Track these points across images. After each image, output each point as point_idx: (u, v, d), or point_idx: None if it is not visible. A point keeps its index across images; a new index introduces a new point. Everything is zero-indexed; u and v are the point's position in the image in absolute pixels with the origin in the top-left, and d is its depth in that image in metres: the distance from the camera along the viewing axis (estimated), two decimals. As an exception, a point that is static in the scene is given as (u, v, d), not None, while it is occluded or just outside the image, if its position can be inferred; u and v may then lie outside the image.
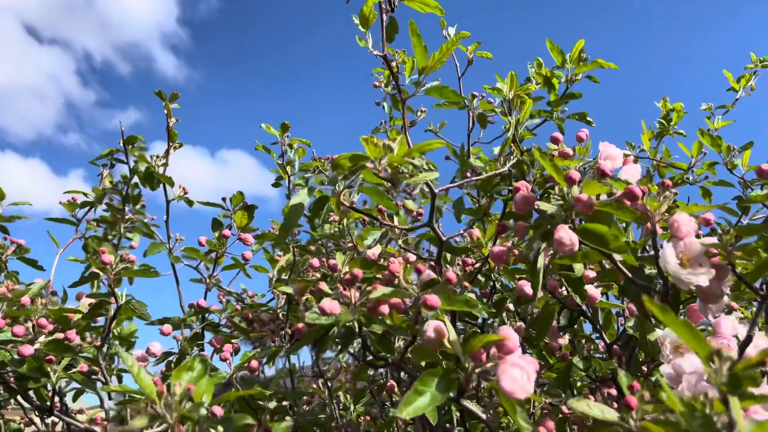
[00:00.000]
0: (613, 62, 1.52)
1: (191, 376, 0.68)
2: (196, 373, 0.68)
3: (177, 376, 0.67)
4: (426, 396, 0.66)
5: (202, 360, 0.69)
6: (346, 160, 0.81)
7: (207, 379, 0.70)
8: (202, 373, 0.68)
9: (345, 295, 0.82)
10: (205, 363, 0.69)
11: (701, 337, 0.48)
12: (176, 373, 0.67)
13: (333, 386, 1.76)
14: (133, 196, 1.65)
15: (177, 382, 0.64)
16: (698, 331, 0.48)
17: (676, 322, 0.48)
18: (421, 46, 1.00)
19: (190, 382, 0.67)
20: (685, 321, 0.48)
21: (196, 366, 0.69)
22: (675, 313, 0.84)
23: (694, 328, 0.47)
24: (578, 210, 0.74)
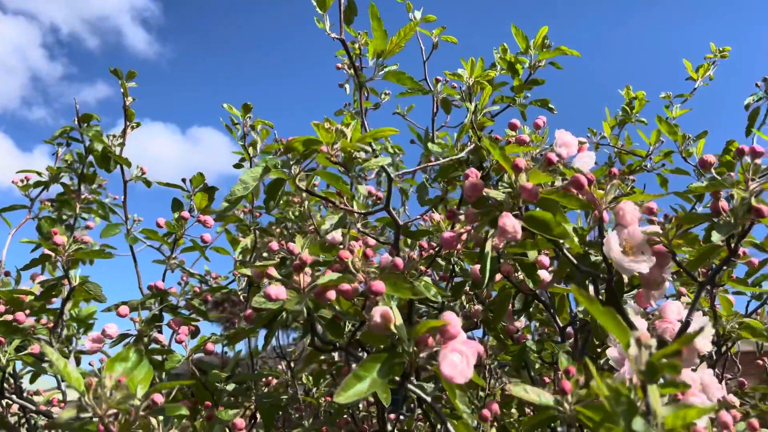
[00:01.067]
0: (577, 50, 1.53)
1: (125, 366, 0.67)
2: (131, 363, 0.67)
3: (109, 368, 0.66)
4: (366, 381, 0.66)
5: (137, 350, 0.69)
6: (299, 144, 0.81)
7: (144, 369, 0.69)
8: (137, 363, 0.68)
9: (295, 280, 0.83)
10: (141, 353, 0.68)
11: (623, 325, 0.49)
12: (109, 364, 0.67)
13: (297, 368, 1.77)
14: (88, 175, 1.61)
15: (108, 374, 0.64)
16: (620, 319, 0.49)
17: (599, 309, 0.50)
18: (380, 30, 0.99)
19: (124, 373, 0.67)
20: (608, 309, 0.50)
21: (131, 356, 0.68)
22: (618, 300, 0.87)
23: (616, 315, 0.48)
24: (523, 198, 0.75)
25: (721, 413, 0.86)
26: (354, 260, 0.79)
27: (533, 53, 1.53)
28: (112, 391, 0.61)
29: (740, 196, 0.78)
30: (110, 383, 0.61)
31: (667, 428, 0.48)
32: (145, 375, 0.66)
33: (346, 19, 1.02)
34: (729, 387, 1.60)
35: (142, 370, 0.66)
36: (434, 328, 0.70)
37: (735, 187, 0.78)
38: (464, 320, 1.34)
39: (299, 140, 0.87)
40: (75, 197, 1.54)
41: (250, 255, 1.53)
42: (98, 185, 1.63)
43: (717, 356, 1.29)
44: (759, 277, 1.40)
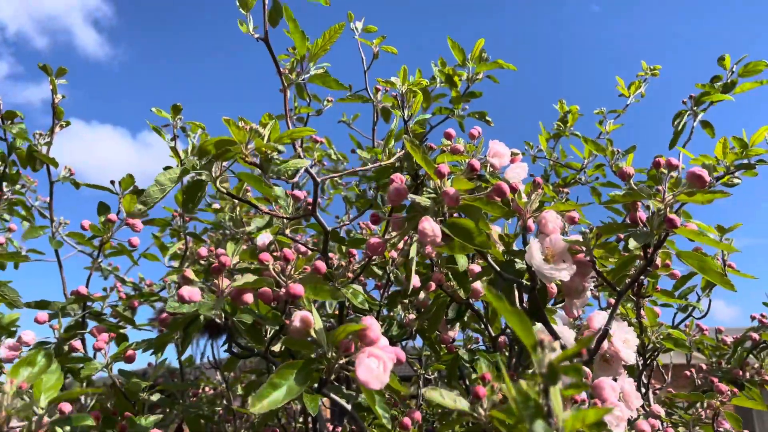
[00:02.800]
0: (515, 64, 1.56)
1: (31, 371, 0.63)
2: (38, 368, 0.64)
3: (14, 373, 0.62)
4: (282, 389, 0.64)
5: (46, 354, 0.65)
6: (211, 145, 0.79)
7: (54, 375, 0.66)
8: (44, 368, 0.64)
9: (215, 283, 0.80)
10: (50, 357, 0.64)
11: (530, 327, 0.49)
12: (13, 369, 0.63)
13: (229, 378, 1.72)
14: (11, 175, 1.53)
15: (10, 379, 0.60)
16: (528, 322, 0.49)
17: (507, 310, 0.49)
18: (298, 32, 0.97)
19: (29, 379, 0.63)
20: (517, 311, 0.49)
21: (39, 360, 0.64)
22: (541, 307, 0.88)
23: (524, 317, 0.48)
24: (446, 203, 0.75)
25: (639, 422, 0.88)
26: (275, 265, 0.77)
27: (471, 66, 1.55)
28: (13, 398, 0.57)
29: (656, 206, 0.80)
30: (11, 389, 0.57)
31: (567, 430, 0.48)
32: (55, 382, 0.62)
33: (271, 20, 1.00)
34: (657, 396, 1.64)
35: (51, 376, 0.62)
36: (354, 333, 0.69)
37: (652, 198, 0.80)
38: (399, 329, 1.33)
39: (212, 141, 0.84)
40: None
41: (182, 261, 1.48)
42: (22, 186, 1.55)
43: (643, 367, 1.32)
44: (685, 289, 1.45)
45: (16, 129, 1.43)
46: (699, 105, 1.52)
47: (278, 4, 0.94)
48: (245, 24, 0.96)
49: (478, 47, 1.54)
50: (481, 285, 1.12)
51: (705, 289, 1.51)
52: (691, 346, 1.52)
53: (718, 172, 0.95)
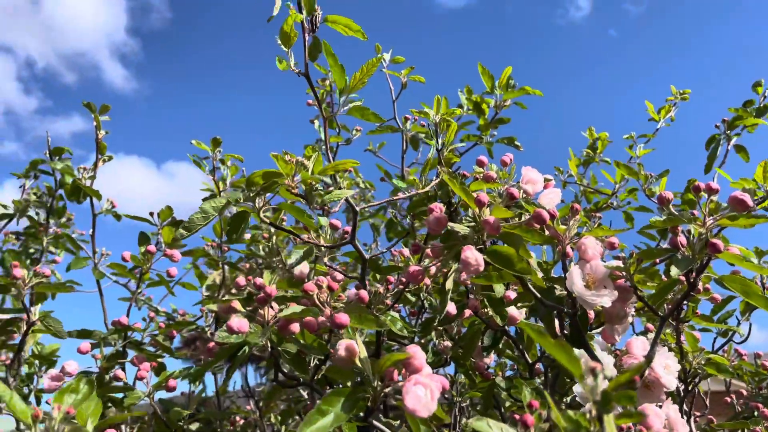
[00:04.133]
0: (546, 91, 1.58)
1: (75, 398, 0.65)
2: (81, 395, 0.65)
3: (58, 399, 0.64)
4: (329, 416, 0.65)
5: (88, 381, 0.67)
6: (259, 177, 0.81)
7: (94, 402, 0.68)
8: (87, 395, 0.66)
9: (260, 313, 0.82)
10: (91, 384, 0.66)
11: (575, 357, 0.49)
12: (57, 396, 0.65)
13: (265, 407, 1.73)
14: (58, 208, 1.59)
15: (56, 405, 0.62)
16: (572, 351, 0.49)
17: (549, 342, 0.50)
18: (337, 66, 1.01)
19: (73, 405, 0.65)
20: (560, 342, 0.50)
21: (81, 388, 0.66)
22: (583, 334, 0.88)
23: (568, 347, 0.49)
24: (486, 232, 0.76)
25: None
26: (319, 294, 0.78)
27: (498, 93, 1.57)
28: (61, 424, 0.59)
29: (697, 231, 0.80)
30: (59, 415, 0.59)
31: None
32: (95, 408, 0.64)
33: (311, 55, 1.04)
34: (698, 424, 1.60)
35: (92, 402, 0.64)
36: (399, 362, 0.70)
37: (692, 223, 0.80)
38: (434, 356, 1.33)
39: (259, 173, 0.87)
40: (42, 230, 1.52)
41: (218, 291, 1.51)
42: (67, 219, 1.61)
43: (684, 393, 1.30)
44: (724, 314, 1.43)
45: (63, 165, 1.49)
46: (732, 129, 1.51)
47: (317, 40, 0.98)
48: (284, 60, 0.99)
49: (505, 75, 1.57)
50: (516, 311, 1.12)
51: (744, 313, 1.48)
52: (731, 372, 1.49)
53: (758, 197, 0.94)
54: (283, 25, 0.94)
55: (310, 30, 0.97)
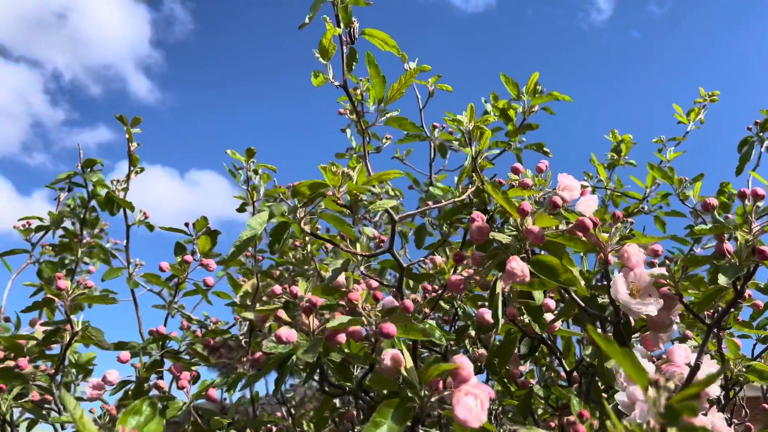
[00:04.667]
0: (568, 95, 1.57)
1: (138, 420, 0.66)
2: (144, 417, 0.66)
3: (123, 421, 0.65)
4: (383, 428, 0.66)
5: (151, 403, 0.68)
6: (305, 188, 0.82)
7: (155, 424, 0.68)
8: (150, 417, 0.67)
9: (304, 323, 0.83)
10: (154, 406, 0.67)
11: (641, 367, 0.49)
12: (122, 418, 0.65)
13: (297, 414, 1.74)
14: (90, 220, 1.62)
15: (121, 427, 0.63)
16: (638, 361, 0.49)
17: (617, 351, 0.50)
18: (379, 77, 1.02)
19: (137, 427, 0.66)
20: (627, 351, 0.50)
21: (145, 409, 0.67)
22: (626, 342, 0.87)
23: (635, 357, 0.48)
24: (530, 241, 0.76)
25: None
26: (363, 303, 0.79)
27: (526, 99, 1.57)
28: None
29: (744, 238, 0.79)
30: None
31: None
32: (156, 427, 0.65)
33: (348, 66, 1.05)
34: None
35: (154, 424, 0.65)
36: (446, 372, 0.70)
37: (738, 230, 0.79)
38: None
39: (305, 184, 0.88)
40: (77, 242, 1.54)
41: (251, 299, 1.52)
42: (100, 230, 1.63)
43: (725, 401, 1.28)
44: (764, 319, 1.41)
45: (95, 176, 1.52)
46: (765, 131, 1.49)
47: (354, 51, 0.99)
48: (320, 74, 1.00)
49: (532, 81, 1.56)
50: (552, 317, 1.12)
51: (783, 320, 1.46)
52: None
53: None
54: (321, 38, 0.95)
55: (348, 42, 0.98)
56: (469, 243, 1.27)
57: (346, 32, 0.98)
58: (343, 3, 0.97)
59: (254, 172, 1.54)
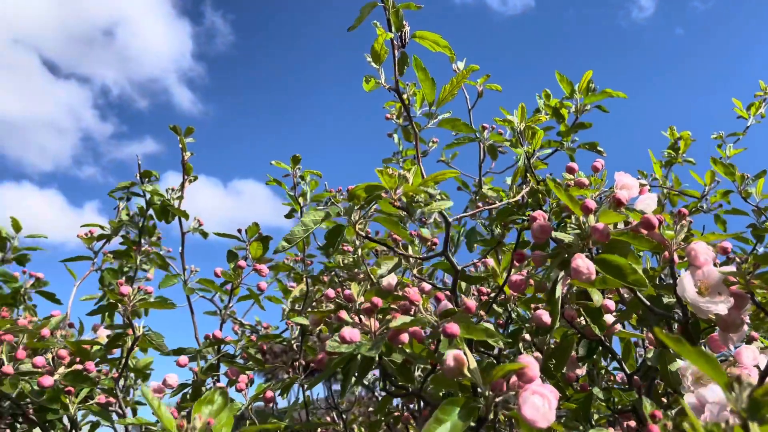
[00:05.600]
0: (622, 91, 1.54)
1: (211, 409, 0.68)
2: (216, 406, 0.68)
3: (197, 409, 0.67)
4: (446, 425, 0.65)
5: (221, 393, 0.69)
6: (361, 191, 0.83)
7: (227, 412, 0.70)
8: (221, 407, 0.68)
9: (365, 324, 0.83)
10: (225, 396, 0.69)
11: (719, 366, 0.48)
12: (196, 406, 0.67)
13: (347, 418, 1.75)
14: (148, 228, 1.67)
15: (197, 415, 0.64)
16: (716, 360, 0.48)
17: (692, 352, 0.48)
18: (428, 80, 1.02)
19: (210, 416, 0.67)
20: (701, 350, 0.48)
21: (216, 399, 0.69)
22: (695, 342, 0.84)
23: (712, 357, 0.47)
24: (594, 239, 0.74)
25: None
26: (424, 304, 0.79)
27: (579, 97, 1.54)
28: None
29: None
30: (200, 425, 0.62)
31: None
32: (227, 419, 0.66)
33: (400, 70, 1.05)
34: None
35: (225, 413, 0.66)
36: (511, 371, 0.70)
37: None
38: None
39: (362, 187, 0.88)
40: (135, 249, 1.59)
41: (302, 303, 1.54)
42: (157, 237, 1.68)
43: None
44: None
45: (151, 186, 1.57)
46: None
47: (405, 56, 0.99)
48: (372, 79, 1.01)
49: (585, 79, 1.54)
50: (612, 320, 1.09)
51: None
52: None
53: None
54: (373, 43, 0.96)
55: (399, 46, 0.98)
56: (523, 244, 1.25)
57: (398, 36, 0.99)
58: (395, 7, 0.98)
59: (301, 178, 1.56)
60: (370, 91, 1.08)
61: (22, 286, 1.55)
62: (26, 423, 1.08)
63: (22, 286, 1.55)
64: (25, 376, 1.00)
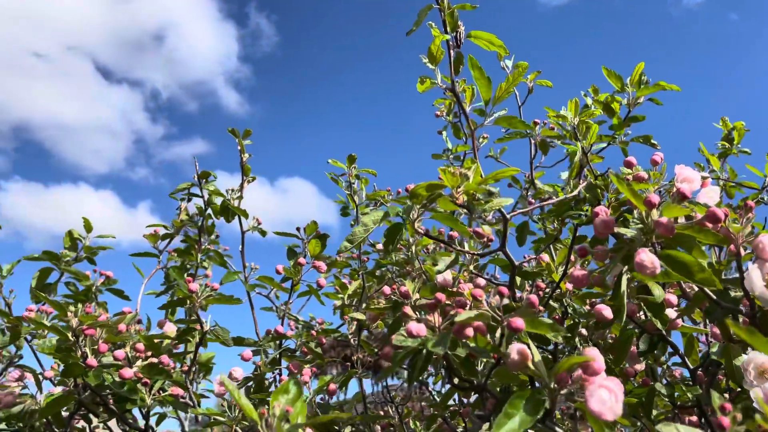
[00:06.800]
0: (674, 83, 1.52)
1: (287, 398, 0.71)
2: (292, 395, 0.72)
3: (275, 398, 0.71)
4: (515, 419, 0.67)
5: (296, 383, 0.73)
6: (423, 189, 0.85)
7: (301, 402, 0.74)
8: (297, 396, 0.72)
9: (428, 319, 0.85)
10: (299, 386, 0.73)
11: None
12: (274, 395, 0.71)
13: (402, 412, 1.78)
14: (207, 227, 1.73)
15: (276, 404, 0.68)
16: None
17: (765, 342, 0.49)
18: (484, 79, 1.03)
19: (287, 404, 0.71)
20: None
21: (291, 389, 0.72)
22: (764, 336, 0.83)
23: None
24: (659, 233, 0.75)
25: None
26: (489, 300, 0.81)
27: (630, 90, 1.52)
28: (280, 422, 0.66)
29: None
30: (279, 412, 0.66)
31: None
32: (301, 408, 0.70)
33: (455, 70, 1.07)
34: None
35: (299, 403, 0.70)
36: (577, 365, 0.71)
37: None
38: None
39: (423, 186, 0.91)
40: (197, 248, 1.66)
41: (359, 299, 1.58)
42: (216, 236, 1.75)
43: None
44: None
45: (212, 187, 1.63)
46: None
47: (461, 56, 1.01)
48: (427, 79, 1.03)
49: (637, 72, 1.52)
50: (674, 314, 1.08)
51: None
52: None
53: None
54: (430, 45, 0.98)
55: (454, 46, 1.00)
56: (579, 239, 1.25)
57: (453, 37, 1.01)
58: (450, 9, 1.00)
59: (356, 177, 1.60)
60: (424, 91, 1.11)
61: (94, 284, 1.64)
62: (106, 412, 1.15)
63: (94, 284, 1.64)
64: (106, 368, 1.06)
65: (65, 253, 1.71)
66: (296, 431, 0.67)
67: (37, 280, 1.71)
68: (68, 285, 1.72)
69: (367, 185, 1.77)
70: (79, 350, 1.05)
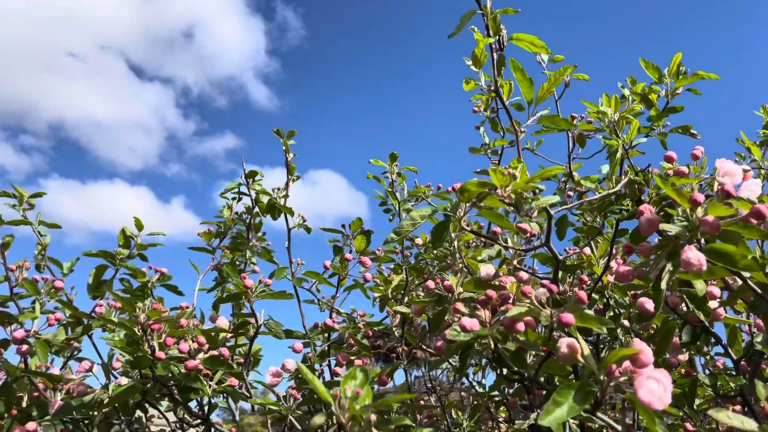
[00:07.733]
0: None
1: (355, 383, 0.77)
2: (359, 381, 0.77)
3: (345, 383, 0.76)
4: (564, 407, 0.71)
5: (362, 369, 0.78)
6: (473, 187, 0.89)
7: (367, 387, 0.79)
8: (363, 382, 0.77)
9: (478, 314, 0.90)
10: (365, 373, 0.78)
11: None
12: (344, 380, 0.77)
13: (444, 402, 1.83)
14: (255, 224, 1.80)
15: (347, 387, 0.74)
16: None
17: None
18: (526, 80, 1.06)
19: (357, 388, 0.77)
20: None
21: (359, 375, 0.78)
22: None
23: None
24: (704, 231, 0.77)
25: None
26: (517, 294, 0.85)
27: (669, 81, 1.53)
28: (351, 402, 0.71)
29: None
30: (350, 393, 0.71)
31: None
32: (367, 392, 0.75)
33: (498, 71, 1.10)
34: None
35: (366, 387, 0.75)
36: (624, 357, 0.74)
37: None
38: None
39: (473, 183, 0.94)
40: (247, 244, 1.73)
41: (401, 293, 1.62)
42: (263, 233, 1.82)
43: None
44: None
45: (258, 186, 1.69)
46: None
47: (503, 58, 1.04)
48: (472, 81, 1.07)
49: (675, 62, 1.52)
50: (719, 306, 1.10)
51: None
52: None
53: None
54: (474, 49, 1.02)
55: (497, 49, 1.04)
56: (621, 233, 1.28)
57: (496, 40, 1.04)
58: (493, 14, 1.03)
59: (398, 174, 1.64)
60: (469, 91, 1.14)
61: (149, 280, 1.72)
62: (171, 402, 1.23)
63: (149, 280, 1.72)
64: (172, 360, 1.14)
65: (120, 251, 1.80)
66: (367, 411, 0.72)
67: (93, 277, 1.81)
68: (122, 281, 1.82)
69: (404, 180, 1.81)
70: (147, 344, 1.12)
